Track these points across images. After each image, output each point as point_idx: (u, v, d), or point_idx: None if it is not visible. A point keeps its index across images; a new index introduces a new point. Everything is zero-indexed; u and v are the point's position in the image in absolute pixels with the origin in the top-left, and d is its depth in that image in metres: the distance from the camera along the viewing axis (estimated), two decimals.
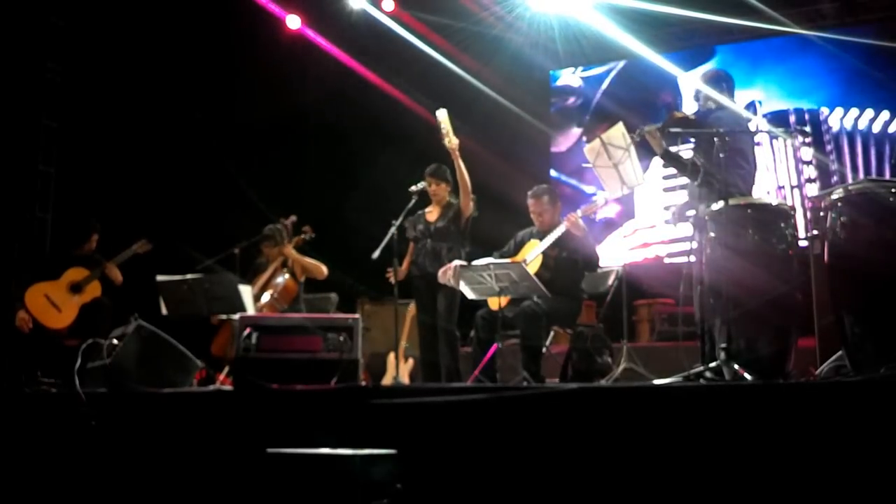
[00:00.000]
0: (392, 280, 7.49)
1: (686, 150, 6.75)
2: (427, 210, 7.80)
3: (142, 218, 9.35)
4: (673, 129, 6.41)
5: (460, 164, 7.42)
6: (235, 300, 7.15)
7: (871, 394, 4.10)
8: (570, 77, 12.76)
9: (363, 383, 6.22)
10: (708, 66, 10.94)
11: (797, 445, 4.09)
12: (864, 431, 3.97)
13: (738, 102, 6.88)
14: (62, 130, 10.82)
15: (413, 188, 7.61)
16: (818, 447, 4.04)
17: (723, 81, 6.77)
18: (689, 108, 6.74)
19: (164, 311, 7.36)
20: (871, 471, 3.92)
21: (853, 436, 3.99)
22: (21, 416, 5.89)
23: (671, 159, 6.57)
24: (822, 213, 5.61)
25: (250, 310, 7.32)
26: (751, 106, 11.08)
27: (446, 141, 7.44)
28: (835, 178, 10.83)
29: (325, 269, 8.51)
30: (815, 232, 6.42)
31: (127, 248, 8.26)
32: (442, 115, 7.50)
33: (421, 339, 7.77)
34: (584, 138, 12.04)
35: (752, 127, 6.62)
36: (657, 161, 6.90)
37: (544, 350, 7.15)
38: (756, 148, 6.69)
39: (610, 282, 7.53)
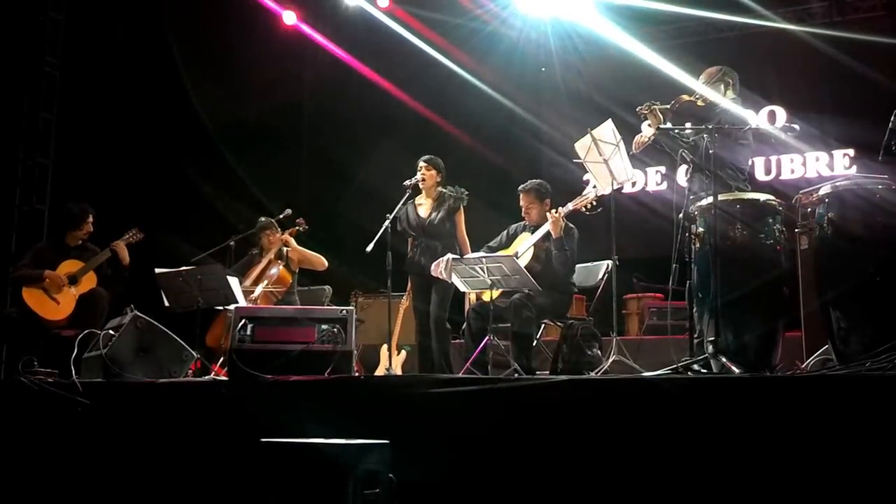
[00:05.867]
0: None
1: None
2: (418, 202, 7.84)
3: (138, 211, 9.38)
4: (677, 112, 6.45)
5: None
6: (227, 291, 7.20)
7: (856, 387, 4.16)
8: None
9: (357, 374, 6.26)
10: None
11: (783, 437, 4.13)
12: (849, 424, 4.02)
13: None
14: (60, 123, 10.88)
15: (407, 182, 7.66)
16: (804, 439, 4.09)
17: (728, 78, 6.81)
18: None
19: (166, 303, 7.40)
20: (856, 462, 3.98)
21: (838, 428, 4.03)
22: (17, 406, 5.94)
23: (666, 136, 6.58)
24: (809, 209, 5.68)
25: (241, 301, 7.36)
26: None
27: None
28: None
29: (325, 262, 8.56)
30: (803, 227, 6.50)
31: (119, 238, 8.26)
32: None
33: (417, 324, 7.86)
34: None
35: (750, 124, 6.64)
36: None
37: (535, 342, 7.22)
38: (753, 145, 6.74)
39: (600, 275, 7.57)
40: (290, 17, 12.03)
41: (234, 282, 7.39)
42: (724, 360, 5.30)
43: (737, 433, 4.24)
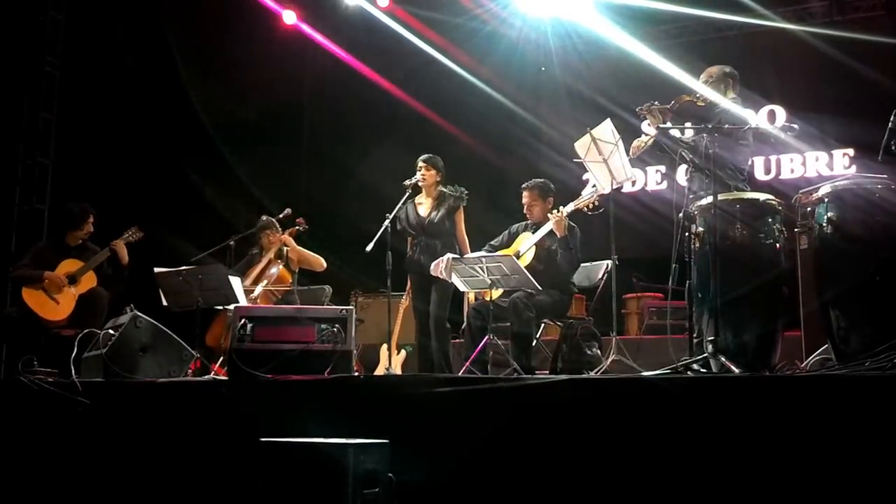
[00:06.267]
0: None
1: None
2: (418, 201, 7.85)
3: (138, 211, 9.38)
4: (677, 112, 6.44)
5: None
6: (227, 291, 7.19)
7: (855, 387, 4.16)
8: None
9: (356, 374, 6.27)
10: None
11: (783, 437, 4.14)
12: (848, 423, 4.03)
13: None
14: (60, 123, 10.89)
15: (407, 181, 7.67)
16: (804, 439, 4.10)
17: (729, 78, 6.81)
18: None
19: (164, 302, 7.40)
20: (855, 462, 3.98)
21: (838, 428, 4.04)
22: (17, 406, 5.94)
23: (666, 136, 6.57)
24: (809, 209, 5.68)
25: (242, 301, 7.36)
26: None
27: None
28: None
29: (324, 262, 8.58)
30: (803, 226, 6.50)
31: (119, 238, 8.27)
32: None
33: (417, 324, 7.87)
34: None
35: (750, 123, 6.62)
36: None
37: (534, 342, 7.23)
38: (753, 145, 6.73)
39: (600, 275, 7.58)
40: (290, 17, 12.04)
41: (236, 281, 7.39)
42: (723, 359, 5.29)
43: (736, 433, 4.24)
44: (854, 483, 3.97)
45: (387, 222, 7.40)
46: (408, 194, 7.69)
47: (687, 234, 5.90)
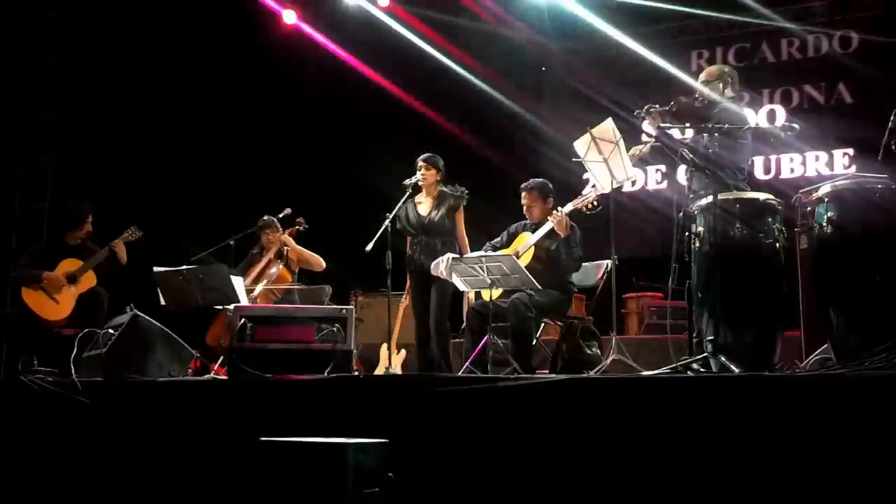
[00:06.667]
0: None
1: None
2: (418, 200, 7.85)
3: (137, 209, 9.38)
4: (676, 113, 6.44)
5: None
6: (228, 291, 7.19)
7: (855, 386, 4.16)
8: None
9: (356, 373, 6.26)
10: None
11: (782, 437, 4.14)
12: (848, 423, 4.03)
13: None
14: (60, 122, 10.89)
15: (407, 181, 7.67)
16: (803, 438, 4.10)
17: (728, 77, 6.81)
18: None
19: (162, 301, 7.40)
20: (855, 462, 3.98)
21: (837, 428, 4.04)
22: (17, 405, 5.94)
23: (667, 139, 6.56)
24: (809, 208, 5.68)
25: (243, 300, 7.36)
26: None
27: None
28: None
29: (323, 262, 8.58)
30: (803, 226, 6.50)
31: (118, 237, 8.27)
32: None
33: (417, 323, 7.87)
34: None
35: (749, 123, 6.62)
36: None
37: (534, 341, 7.22)
38: (752, 144, 6.73)
39: (600, 274, 7.58)
40: (290, 17, 12.03)
41: (237, 281, 7.39)
42: (723, 359, 5.30)
43: (736, 432, 4.24)
44: (854, 483, 3.97)
45: (387, 222, 7.40)
46: (408, 194, 7.69)
47: (687, 233, 5.91)
